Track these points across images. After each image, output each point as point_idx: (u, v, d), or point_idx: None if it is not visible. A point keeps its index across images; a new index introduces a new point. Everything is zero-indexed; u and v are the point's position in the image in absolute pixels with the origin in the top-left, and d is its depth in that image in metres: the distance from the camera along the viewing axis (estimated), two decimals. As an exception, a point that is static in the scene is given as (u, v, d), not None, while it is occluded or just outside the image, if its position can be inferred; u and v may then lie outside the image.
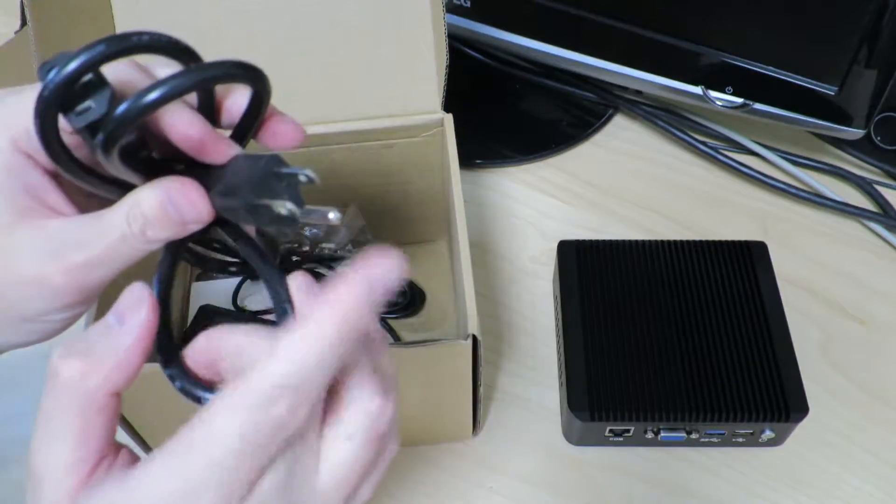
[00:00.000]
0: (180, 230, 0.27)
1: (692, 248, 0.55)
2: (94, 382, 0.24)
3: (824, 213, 0.65)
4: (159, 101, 0.23)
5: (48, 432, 0.24)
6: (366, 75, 0.50)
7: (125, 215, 0.26)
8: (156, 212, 0.26)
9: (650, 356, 0.50)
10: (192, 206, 0.26)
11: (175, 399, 0.27)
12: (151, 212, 0.26)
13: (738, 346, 0.50)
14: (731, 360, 0.50)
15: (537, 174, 0.67)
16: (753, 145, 0.67)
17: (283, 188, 0.24)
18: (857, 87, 0.55)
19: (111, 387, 0.24)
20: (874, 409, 0.53)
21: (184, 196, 0.26)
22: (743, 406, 0.48)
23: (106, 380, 0.24)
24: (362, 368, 0.25)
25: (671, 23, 0.59)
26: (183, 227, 0.27)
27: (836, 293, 0.59)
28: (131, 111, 0.22)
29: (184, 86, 0.23)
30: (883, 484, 0.50)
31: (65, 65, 0.22)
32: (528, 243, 0.63)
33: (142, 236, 0.26)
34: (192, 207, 0.26)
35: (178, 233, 0.27)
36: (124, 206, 0.27)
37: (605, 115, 0.71)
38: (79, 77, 0.23)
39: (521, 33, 0.64)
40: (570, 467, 0.51)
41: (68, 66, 0.22)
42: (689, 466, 0.51)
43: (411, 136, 0.52)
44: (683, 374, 0.49)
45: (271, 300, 0.26)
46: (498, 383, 0.55)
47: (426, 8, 0.48)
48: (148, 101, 0.22)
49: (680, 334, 0.51)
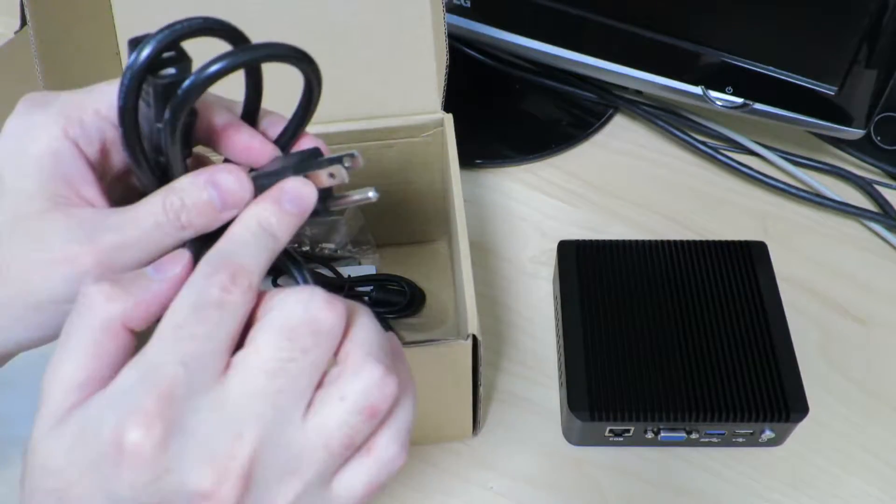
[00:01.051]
0: (214, 218, 0.27)
1: (692, 248, 0.55)
2: (116, 308, 0.24)
3: (824, 213, 0.65)
4: (221, 71, 0.25)
5: (62, 350, 0.24)
6: (366, 75, 0.50)
7: (161, 201, 0.27)
8: (195, 195, 0.27)
9: (650, 356, 0.50)
10: (240, 186, 0.27)
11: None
12: (190, 196, 0.27)
13: (738, 346, 0.50)
14: (731, 360, 0.50)
15: (537, 174, 0.67)
16: (753, 145, 0.67)
17: (342, 167, 0.27)
18: (857, 87, 0.55)
19: (130, 319, 0.24)
20: (874, 409, 0.53)
21: (232, 174, 0.27)
22: (743, 406, 0.48)
23: (126, 310, 0.24)
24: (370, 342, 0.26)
25: (671, 23, 0.59)
26: (218, 215, 0.27)
27: (836, 293, 0.59)
28: (199, 79, 0.25)
29: (241, 60, 0.25)
30: (883, 484, 0.50)
31: (156, 35, 0.25)
32: (528, 243, 0.63)
33: (176, 221, 0.27)
34: (240, 187, 0.27)
35: (212, 220, 0.27)
36: (161, 191, 0.27)
37: (605, 115, 0.71)
38: (167, 47, 0.25)
39: (521, 33, 0.64)
40: (570, 467, 0.51)
41: (159, 36, 0.25)
42: (689, 466, 0.51)
43: (411, 136, 0.52)
44: (683, 374, 0.49)
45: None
46: (498, 383, 0.55)
47: (426, 8, 0.48)
48: (216, 69, 0.25)
49: (680, 334, 0.51)
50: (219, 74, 0.25)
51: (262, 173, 0.28)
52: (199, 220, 0.27)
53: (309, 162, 0.28)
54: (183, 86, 0.25)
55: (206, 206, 0.27)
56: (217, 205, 0.27)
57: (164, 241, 0.27)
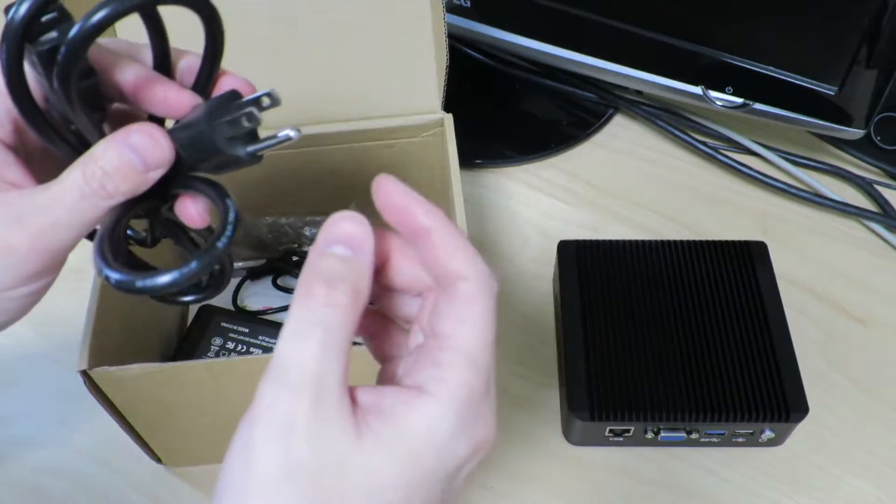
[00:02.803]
0: (141, 180, 0.26)
1: (692, 248, 0.55)
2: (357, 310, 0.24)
3: (824, 213, 0.64)
4: (107, 18, 0.23)
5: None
6: (366, 75, 0.50)
7: (81, 171, 0.26)
8: (114, 161, 0.26)
9: (650, 356, 0.50)
10: (156, 145, 0.26)
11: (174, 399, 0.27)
12: (109, 162, 0.26)
13: (738, 346, 0.50)
14: (731, 360, 0.50)
15: (537, 174, 0.67)
16: (753, 145, 0.67)
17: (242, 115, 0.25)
18: (857, 87, 0.55)
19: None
20: (874, 409, 0.53)
21: (146, 135, 0.26)
22: (743, 406, 0.48)
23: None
24: None
25: (671, 23, 0.59)
26: (144, 176, 0.26)
27: (836, 293, 0.59)
28: (76, 39, 0.23)
29: (117, 9, 0.23)
30: (883, 484, 0.50)
31: None
32: (528, 243, 0.63)
33: (102, 191, 0.26)
34: (156, 146, 0.26)
35: (140, 183, 0.26)
36: (80, 161, 0.26)
37: (605, 115, 0.71)
38: (43, 7, 0.24)
39: (521, 33, 0.64)
40: (570, 467, 0.51)
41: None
42: (689, 466, 0.51)
43: (411, 136, 0.52)
44: (683, 374, 0.49)
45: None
46: (498, 383, 0.55)
47: (426, 8, 0.48)
48: (97, 19, 0.23)
49: (680, 334, 0.51)
50: (93, 30, 0.23)
51: (178, 126, 0.27)
52: (125, 185, 0.26)
53: (226, 107, 0.26)
54: (62, 49, 0.23)
55: (129, 169, 0.26)
56: (139, 166, 0.26)
57: (95, 213, 0.27)
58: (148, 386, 0.41)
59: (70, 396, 0.51)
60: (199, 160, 0.27)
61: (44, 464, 0.51)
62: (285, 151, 0.51)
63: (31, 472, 0.50)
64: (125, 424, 0.44)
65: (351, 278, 0.24)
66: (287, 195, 0.56)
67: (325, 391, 0.23)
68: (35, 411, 0.53)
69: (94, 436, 0.52)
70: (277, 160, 0.52)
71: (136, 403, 0.43)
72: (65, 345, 0.50)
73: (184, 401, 0.43)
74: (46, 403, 0.53)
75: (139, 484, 0.50)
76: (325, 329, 0.23)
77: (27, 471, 0.50)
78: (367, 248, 0.25)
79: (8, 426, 0.53)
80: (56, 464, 0.51)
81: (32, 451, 0.51)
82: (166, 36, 0.28)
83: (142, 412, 0.44)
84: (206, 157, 0.27)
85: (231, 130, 0.26)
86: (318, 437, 0.22)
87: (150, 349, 0.51)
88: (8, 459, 0.51)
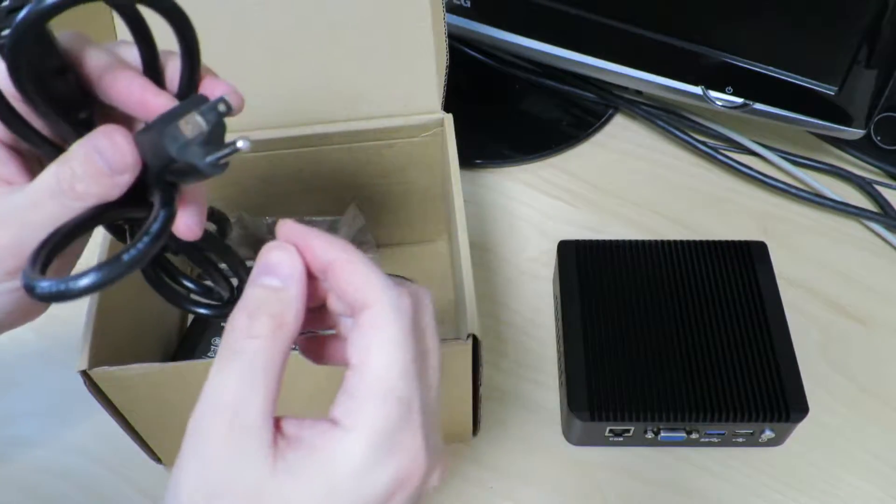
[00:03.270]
0: (109, 183, 0.26)
1: (692, 248, 0.55)
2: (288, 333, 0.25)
3: (824, 213, 0.64)
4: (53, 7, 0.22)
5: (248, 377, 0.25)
6: (366, 75, 0.50)
7: (55, 172, 0.26)
8: (83, 163, 0.26)
9: (650, 356, 0.50)
10: (116, 150, 0.26)
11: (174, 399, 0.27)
12: (79, 164, 0.26)
13: (738, 346, 0.50)
14: (731, 360, 0.50)
15: (537, 174, 0.67)
16: (753, 145, 0.67)
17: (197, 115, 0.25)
18: (857, 87, 0.55)
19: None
20: (874, 409, 0.53)
21: (108, 138, 0.26)
22: (743, 406, 0.48)
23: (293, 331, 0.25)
24: None
25: (671, 23, 0.59)
26: (111, 180, 0.26)
27: (836, 293, 0.59)
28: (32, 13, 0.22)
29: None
30: (883, 484, 0.50)
31: None
32: (528, 243, 0.63)
33: (72, 192, 0.26)
34: (116, 151, 0.26)
35: (109, 186, 0.26)
36: (56, 162, 0.26)
37: (605, 115, 0.71)
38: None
39: (521, 33, 0.64)
40: (570, 467, 0.51)
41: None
42: (689, 466, 0.51)
43: (411, 136, 0.52)
44: (683, 374, 0.49)
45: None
46: (498, 383, 0.55)
47: (426, 8, 0.48)
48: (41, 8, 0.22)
49: (680, 334, 0.51)
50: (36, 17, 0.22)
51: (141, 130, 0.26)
52: (95, 188, 0.26)
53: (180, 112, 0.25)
54: (6, 37, 0.23)
55: (98, 172, 0.26)
56: (105, 169, 0.26)
57: (66, 213, 0.26)
58: (148, 386, 0.41)
59: (70, 396, 0.51)
60: (162, 167, 0.26)
61: (44, 464, 0.51)
62: (285, 151, 0.51)
63: (31, 472, 0.50)
64: (125, 424, 0.44)
65: (274, 309, 0.25)
66: (287, 195, 0.56)
67: (240, 421, 0.23)
68: (35, 411, 0.53)
69: (94, 436, 0.52)
70: (277, 160, 0.52)
71: (136, 403, 0.43)
72: (65, 345, 0.50)
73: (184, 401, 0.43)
74: (46, 403, 0.53)
75: (139, 484, 0.50)
76: (242, 361, 0.24)
77: (27, 471, 0.50)
78: (296, 277, 0.25)
79: (8, 426, 0.53)
80: (56, 464, 0.51)
81: (32, 451, 0.51)
82: (151, 38, 0.27)
83: (142, 412, 0.44)
84: (166, 164, 0.26)
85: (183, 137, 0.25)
86: (231, 466, 0.23)
87: (150, 349, 0.51)
88: (8, 459, 0.51)
